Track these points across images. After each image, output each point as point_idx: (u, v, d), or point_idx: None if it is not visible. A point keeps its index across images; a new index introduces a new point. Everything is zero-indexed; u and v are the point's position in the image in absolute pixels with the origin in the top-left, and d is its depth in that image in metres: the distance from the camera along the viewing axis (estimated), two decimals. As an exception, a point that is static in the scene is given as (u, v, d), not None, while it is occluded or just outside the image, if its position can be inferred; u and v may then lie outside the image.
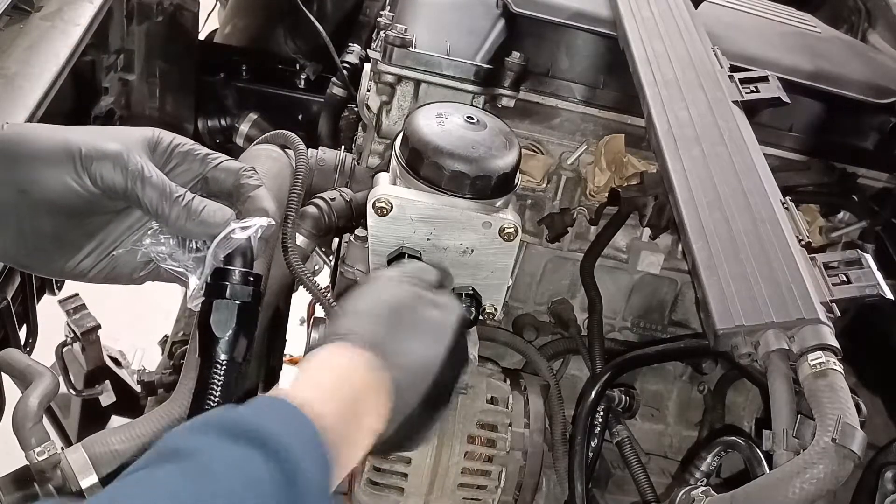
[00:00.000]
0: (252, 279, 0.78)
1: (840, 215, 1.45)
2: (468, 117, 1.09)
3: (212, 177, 0.78)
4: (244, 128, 2.14)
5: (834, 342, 0.81)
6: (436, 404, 0.81)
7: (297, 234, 1.17)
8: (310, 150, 1.31)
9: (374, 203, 1.05)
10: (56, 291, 1.79)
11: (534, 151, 1.38)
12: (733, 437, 1.06)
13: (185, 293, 1.48)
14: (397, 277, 0.86)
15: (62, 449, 0.84)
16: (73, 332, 1.76)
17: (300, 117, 2.23)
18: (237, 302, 0.76)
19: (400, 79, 1.32)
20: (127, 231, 0.77)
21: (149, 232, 0.78)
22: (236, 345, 0.76)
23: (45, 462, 0.81)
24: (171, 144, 0.76)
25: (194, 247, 0.77)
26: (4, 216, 0.70)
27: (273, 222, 0.78)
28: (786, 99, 1.19)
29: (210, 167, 0.77)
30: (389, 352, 0.76)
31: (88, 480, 0.83)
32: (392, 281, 0.85)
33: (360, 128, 1.70)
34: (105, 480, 0.84)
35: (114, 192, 0.71)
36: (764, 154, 1.08)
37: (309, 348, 1.21)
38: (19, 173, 0.69)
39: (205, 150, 0.79)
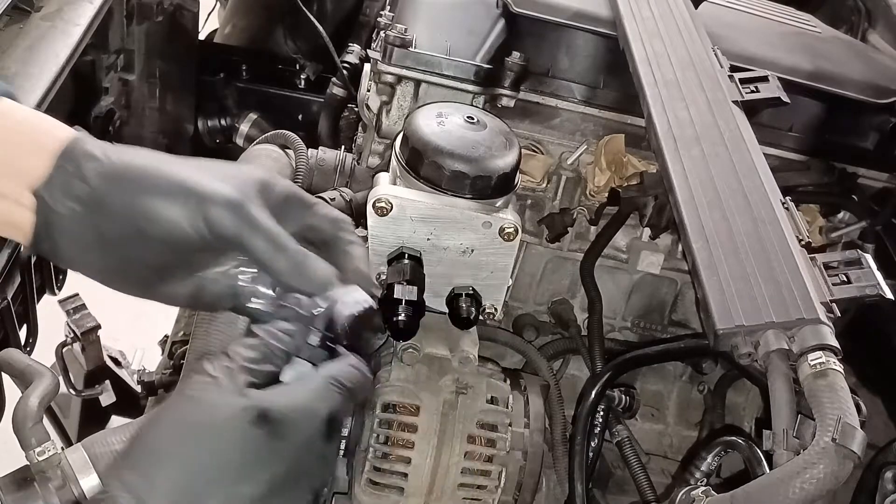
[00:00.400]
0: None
1: (840, 215, 1.45)
2: (468, 117, 1.09)
3: (313, 224, 0.76)
4: (244, 128, 2.15)
5: (834, 342, 0.81)
6: None
7: (297, 234, 1.17)
8: (310, 150, 1.31)
9: (374, 203, 1.05)
10: (56, 291, 1.79)
11: (534, 151, 1.38)
12: (733, 437, 1.06)
13: None
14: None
15: (62, 449, 0.84)
16: (73, 332, 1.76)
17: (300, 117, 2.23)
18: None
19: (400, 79, 1.32)
20: (226, 265, 0.75)
21: (247, 273, 0.75)
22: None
23: (45, 462, 0.81)
24: (283, 190, 0.74)
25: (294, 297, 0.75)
26: (111, 243, 0.69)
27: (374, 307, 0.74)
28: (786, 99, 1.19)
29: (314, 215, 0.76)
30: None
31: (88, 480, 0.83)
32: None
33: (360, 128, 1.70)
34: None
35: (225, 240, 0.69)
36: (764, 154, 1.08)
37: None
38: (137, 206, 0.68)
39: (309, 196, 0.77)
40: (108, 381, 1.85)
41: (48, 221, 0.68)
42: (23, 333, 1.54)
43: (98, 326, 1.77)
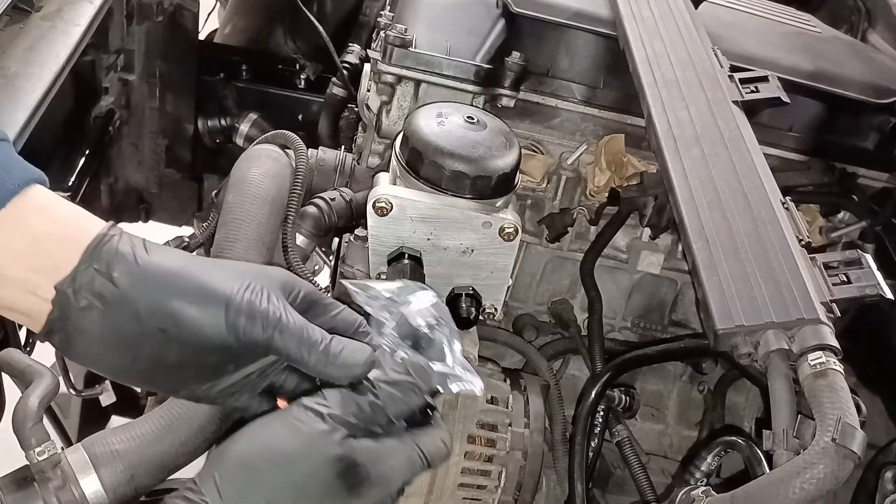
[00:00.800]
0: None
1: (840, 215, 1.45)
2: (468, 117, 1.09)
3: (333, 327, 0.75)
4: (244, 128, 2.14)
5: (834, 342, 0.81)
6: None
7: (297, 234, 1.17)
8: (310, 150, 1.31)
9: (374, 203, 1.05)
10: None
11: (534, 151, 1.38)
12: (733, 437, 1.06)
13: None
14: (320, 437, 0.68)
15: (62, 449, 0.84)
16: (74, 332, 1.76)
17: (300, 117, 2.23)
18: None
19: (400, 79, 1.32)
20: (250, 369, 0.73)
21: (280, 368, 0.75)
22: None
23: (45, 462, 0.81)
24: (305, 292, 0.74)
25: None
26: (131, 343, 0.68)
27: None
28: (786, 99, 1.19)
29: (333, 318, 0.75)
30: None
31: (88, 480, 0.83)
32: (313, 446, 0.68)
33: (360, 128, 1.70)
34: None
35: (253, 345, 0.69)
36: (764, 154, 1.08)
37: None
38: (163, 308, 0.67)
39: (328, 298, 0.77)
40: (108, 381, 1.85)
41: (66, 316, 0.67)
42: (23, 333, 1.54)
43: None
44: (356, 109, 1.82)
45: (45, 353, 0.97)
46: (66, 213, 0.70)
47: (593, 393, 1.24)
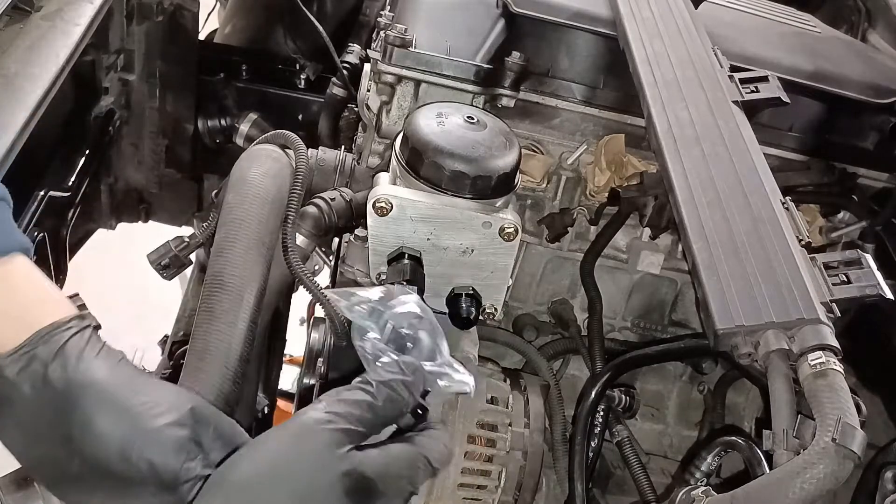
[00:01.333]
0: None
1: (840, 215, 1.45)
2: (468, 117, 1.09)
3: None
4: (244, 128, 2.14)
5: (834, 342, 0.81)
6: None
7: (297, 234, 1.17)
8: (310, 150, 1.31)
9: (374, 203, 1.05)
10: (56, 291, 1.79)
11: (534, 151, 1.38)
12: (733, 437, 1.06)
13: (185, 292, 1.47)
14: (320, 450, 0.67)
15: (62, 449, 0.84)
16: (74, 332, 1.76)
17: (300, 117, 2.23)
18: None
19: (400, 79, 1.32)
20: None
21: None
22: None
23: (45, 462, 0.81)
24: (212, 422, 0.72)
25: None
26: (43, 439, 0.68)
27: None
28: (786, 99, 1.19)
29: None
30: None
31: (88, 480, 0.83)
32: (312, 455, 0.67)
33: (360, 128, 1.70)
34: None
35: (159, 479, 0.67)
36: (764, 154, 1.08)
37: (309, 349, 1.21)
38: (75, 418, 0.67)
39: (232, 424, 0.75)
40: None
41: None
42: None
43: (98, 326, 1.77)
44: (356, 109, 1.82)
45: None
46: (35, 291, 0.70)
47: (593, 393, 1.24)
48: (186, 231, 2.00)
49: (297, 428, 0.68)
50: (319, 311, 1.14)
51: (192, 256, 1.31)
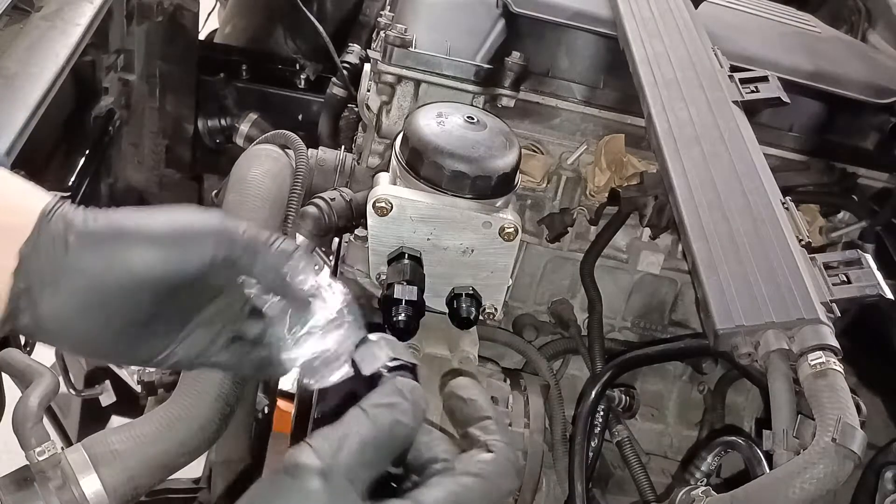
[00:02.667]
0: None
1: (840, 215, 1.45)
2: (468, 117, 1.09)
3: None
4: (244, 128, 2.15)
5: (834, 342, 0.81)
6: None
7: (297, 234, 1.17)
8: (310, 150, 1.31)
9: (374, 203, 1.05)
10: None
11: (534, 151, 1.38)
12: (733, 437, 1.06)
13: None
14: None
15: (62, 449, 0.84)
16: (74, 332, 1.76)
17: (300, 117, 2.23)
18: None
19: (400, 79, 1.32)
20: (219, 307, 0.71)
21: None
22: None
23: (45, 462, 0.81)
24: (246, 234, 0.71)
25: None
26: (94, 306, 0.66)
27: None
28: (786, 99, 1.19)
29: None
30: None
31: (89, 480, 0.83)
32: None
33: (360, 128, 1.70)
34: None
35: (217, 268, 0.67)
36: (764, 154, 1.08)
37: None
38: (116, 262, 0.65)
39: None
40: (108, 381, 1.85)
41: (29, 287, 0.64)
42: (23, 333, 1.54)
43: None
44: (356, 109, 1.82)
45: (45, 354, 0.97)
46: (9, 181, 0.69)
47: (593, 393, 1.24)
48: (186, 231, 1.98)
49: (294, 483, 0.55)
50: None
51: (192, 256, 1.31)
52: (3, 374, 1.21)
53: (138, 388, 1.71)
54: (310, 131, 1.99)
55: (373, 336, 0.70)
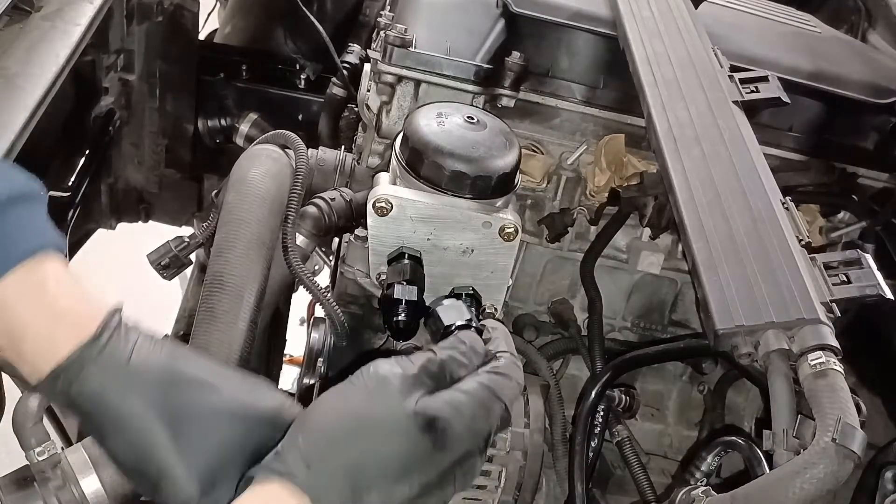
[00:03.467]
0: None
1: (840, 215, 1.45)
2: (468, 117, 1.09)
3: None
4: (244, 128, 2.15)
5: (834, 342, 0.81)
6: None
7: (297, 234, 1.17)
8: (310, 150, 1.31)
9: (374, 203, 1.05)
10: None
11: (534, 151, 1.38)
12: (733, 437, 1.06)
13: (185, 292, 1.48)
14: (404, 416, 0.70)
15: (62, 449, 0.84)
16: (73, 331, 1.75)
17: (300, 117, 2.23)
18: None
19: (400, 79, 1.32)
20: None
21: None
22: None
23: (45, 462, 0.81)
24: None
25: None
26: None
27: None
28: (786, 99, 1.19)
29: None
30: None
31: (89, 480, 0.83)
32: (399, 418, 0.70)
33: (360, 128, 1.70)
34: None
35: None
36: (764, 154, 1.08)
37: (309, 348, 1.21)
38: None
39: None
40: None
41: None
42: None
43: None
44: (356, 109, 1.82)
45: (45, 353, 0.97)
46: (71, 291, 0.72)
47: (593, 393, 1.24)
48: (186, 231, 1.99)
49: (368, 379, 0.71)
50: (319, 311, 1.14)
51: (192, 256, 1.31)
52: (3, 375, 1.22)
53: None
54: (310, 131, 1.99)
55: (447, 301, 0.94)
